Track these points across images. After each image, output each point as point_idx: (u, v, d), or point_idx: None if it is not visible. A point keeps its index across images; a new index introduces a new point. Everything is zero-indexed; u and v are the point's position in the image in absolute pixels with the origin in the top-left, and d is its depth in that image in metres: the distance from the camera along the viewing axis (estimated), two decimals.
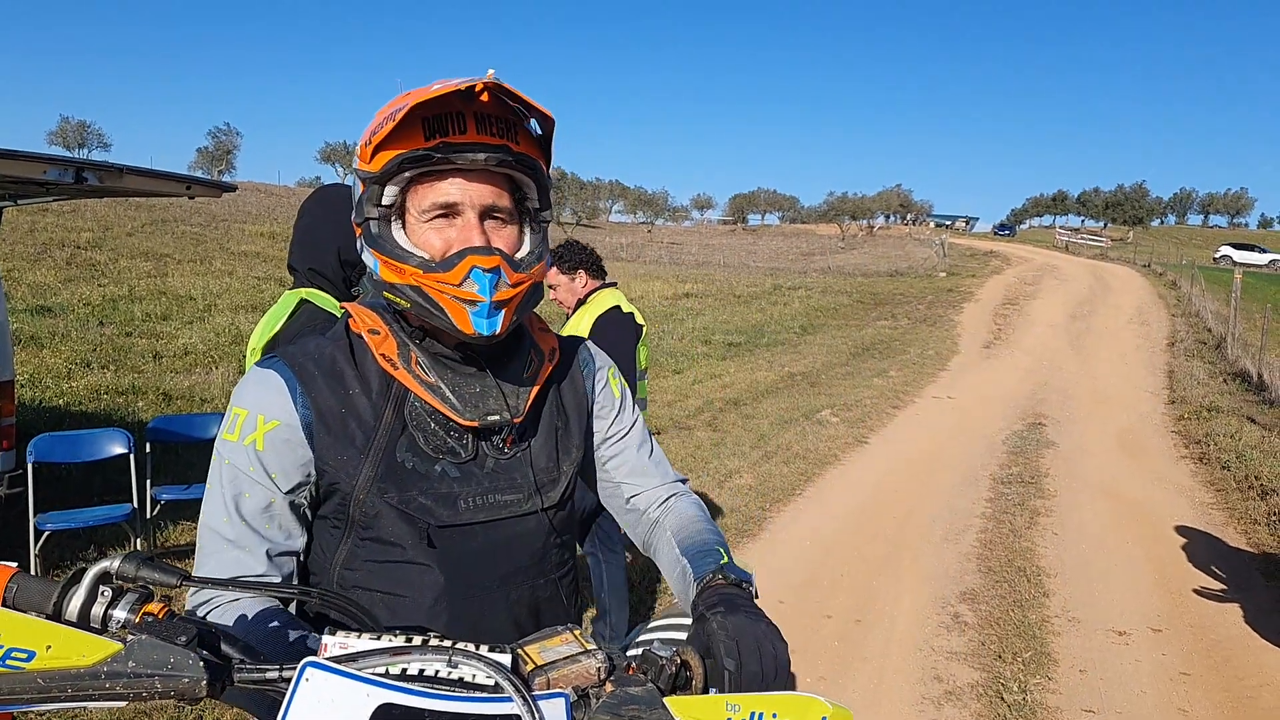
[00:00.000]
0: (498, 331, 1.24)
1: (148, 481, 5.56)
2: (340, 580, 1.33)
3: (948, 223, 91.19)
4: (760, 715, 0.98)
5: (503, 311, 1.24)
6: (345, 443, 1.28)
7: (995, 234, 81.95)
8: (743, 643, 1.10)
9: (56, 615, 0.89)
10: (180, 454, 6.68)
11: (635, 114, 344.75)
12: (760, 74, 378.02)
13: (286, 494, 1.28)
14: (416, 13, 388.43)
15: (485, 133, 1.21)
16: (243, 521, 1.27)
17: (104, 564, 0.92)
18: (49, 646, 0.83)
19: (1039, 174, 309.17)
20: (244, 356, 12.32)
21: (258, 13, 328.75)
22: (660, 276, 30.44)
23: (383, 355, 1.31)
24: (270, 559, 1.28)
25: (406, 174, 1.23)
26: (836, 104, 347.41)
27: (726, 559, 1.34)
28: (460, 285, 1.22)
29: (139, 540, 5.41)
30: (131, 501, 5.34)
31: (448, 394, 1.30)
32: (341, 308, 1.41)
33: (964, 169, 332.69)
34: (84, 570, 0.92)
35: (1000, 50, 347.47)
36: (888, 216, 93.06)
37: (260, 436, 1.26)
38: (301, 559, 1.35)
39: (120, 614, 0.90)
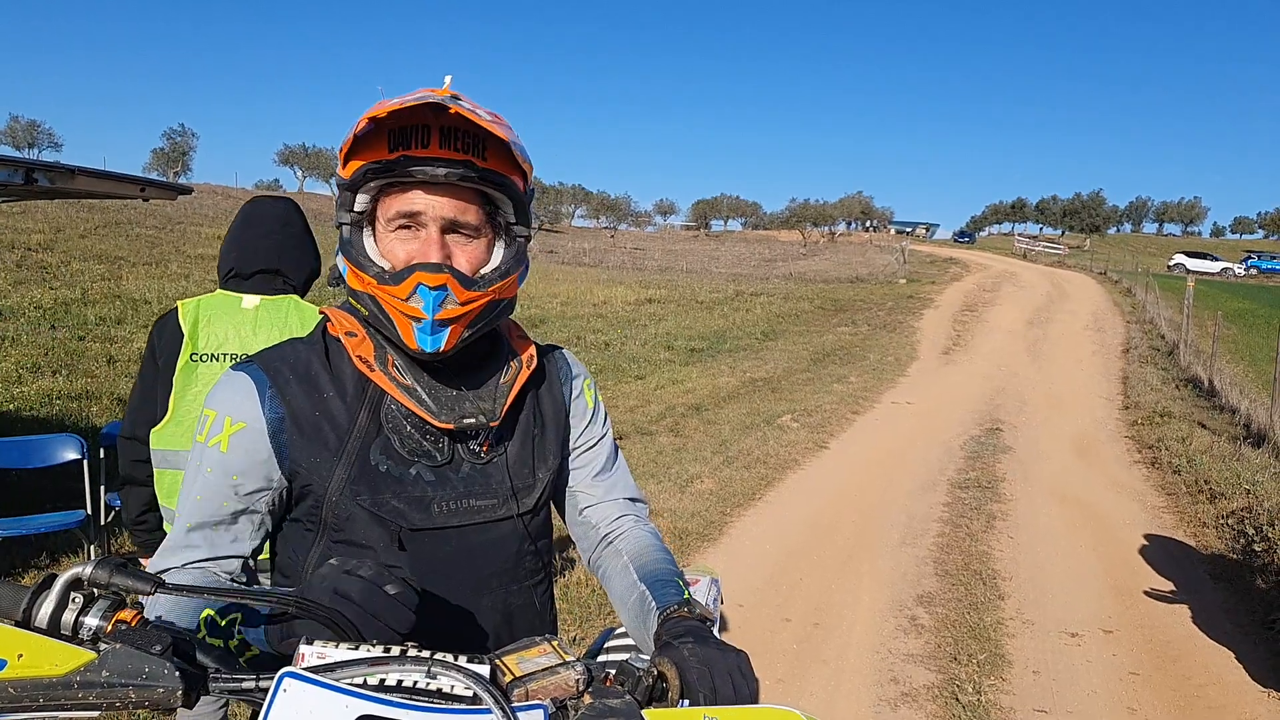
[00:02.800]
0: (441, 349, 1.26)
1: (101, 488, 5.46)
2: None
3: (908, 230, 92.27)
4: None
5: (448, 329, 1.26)
6: (318, 445, 1.29)
7: (955, 241, 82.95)
8: (715, 671, 1.11)
9: (25, 622, 0.88)
10: None
11: (597, 118, 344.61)
12: (723, 80, 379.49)
13: (244, 497, 1.29)
14: (374, 14, 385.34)
15: (448, 147, 1.22)
16: (195, 522, 1.29)
17: (76, 570, 0.91)
18: (20, 655, 0.81)
19: (999, 181, 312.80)
20: None
21: (214, 12, 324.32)
22: (623, 282, 30.39)
23: (359, 357, 1.32)
24: (211, 562, 1.30)
25: (373, 183, 1.25)
26: (799, 110, 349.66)
27: (688, 593, 1.35)
28: (407, 300, 1.24)
29: (93, 547, 5.32)
30: (85, 508, 5.24)
31: (424, 396, 1.31)
32: (321, 312, 1.42)
33: (925, 176, 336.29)
34: (55, 576, 0.90)
35: (961, 59, 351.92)
36: (849, 223, 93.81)
37: (225, 438, 1.28)
38: (252, 563, 1.35)
39: (92, 621, 0.88)
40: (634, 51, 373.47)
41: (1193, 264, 53.82)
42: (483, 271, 1.30)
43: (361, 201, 1.27)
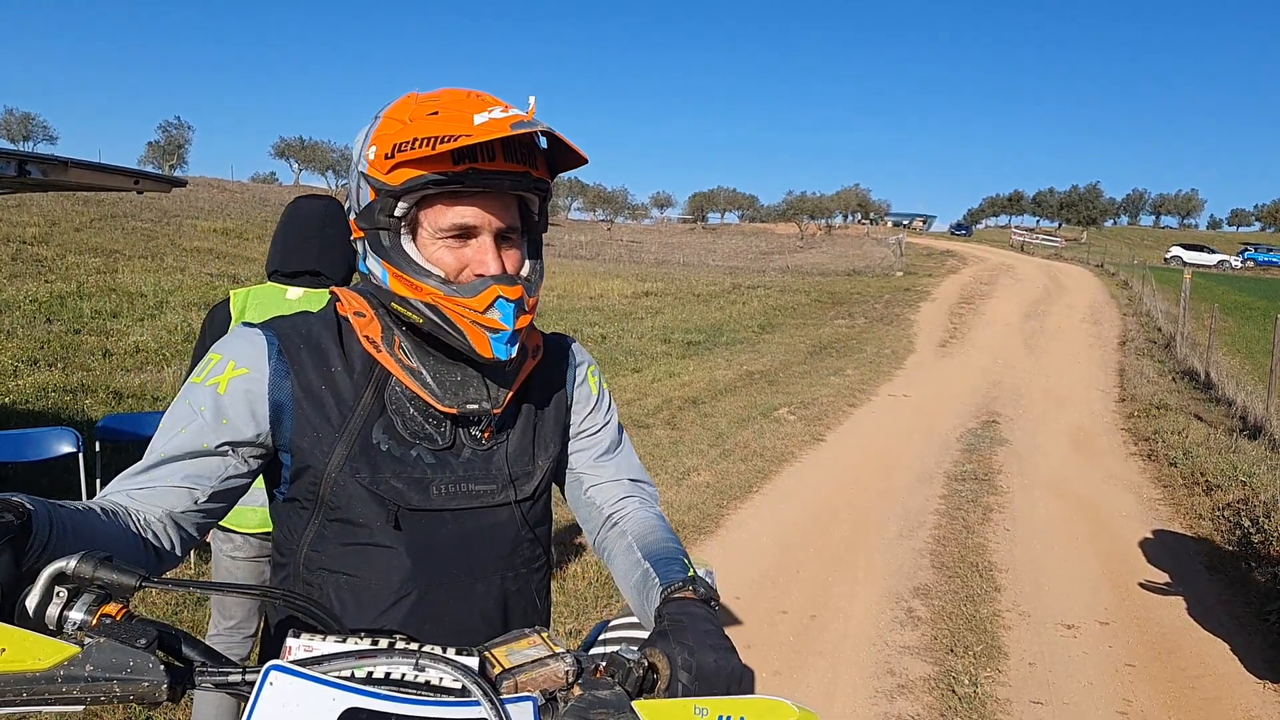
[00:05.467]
0: (514, 355, 1.28)
1: (97, 481, 5.44)
2: (306, 561, 1.33)
3: (905, 222, 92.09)
4: (728, 719, 0.98)
5: (519, 336, 1.29)
6: (321, 420, 1.29)
7: (952, 234, 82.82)
8: (699, 646, 1.10)
9: (9, 616, 0.87)
10: (132, 453, 6.52)
11: (594, 110, 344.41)
12: (720, 72, 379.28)
13: (227, 443, 1.26)
14: (371, 8, 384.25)
15: (512, 160, 1.23)
16: (167, 455, 1.25)
17: (59, 563, 0.90)
18: (3, 649, 0.80)
19: (995, 174, 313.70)
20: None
21: (210, 4, 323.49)
22: (620, 275, 30.40)
23: (366, 337, 1.33)
24: (153, 493, 1.23)
25: (426, 192, 1.24)
26: (796, 103, 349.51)
27: (692, 571, 1.35)
28: (484, 313, 1.25)
29: None
30: (80, 501, 5.22)
31: (428, 379, 1.32)
32: (330, 292, 1.43)
33: (921, 169, 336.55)
34: (39, 569, 0.89)
35: (959, 52, 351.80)
36: (846, 216, 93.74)
37: (225, 380, 1.27)
38: (175, 544, 1.24)
39: (76, 615, 0.87)
40: (631, 44, 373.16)
41: (1189, 256, 53.95)
42: (524, 272, 1.33)
43: (402, 207, 1.26)
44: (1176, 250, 56.72)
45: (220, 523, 1.56)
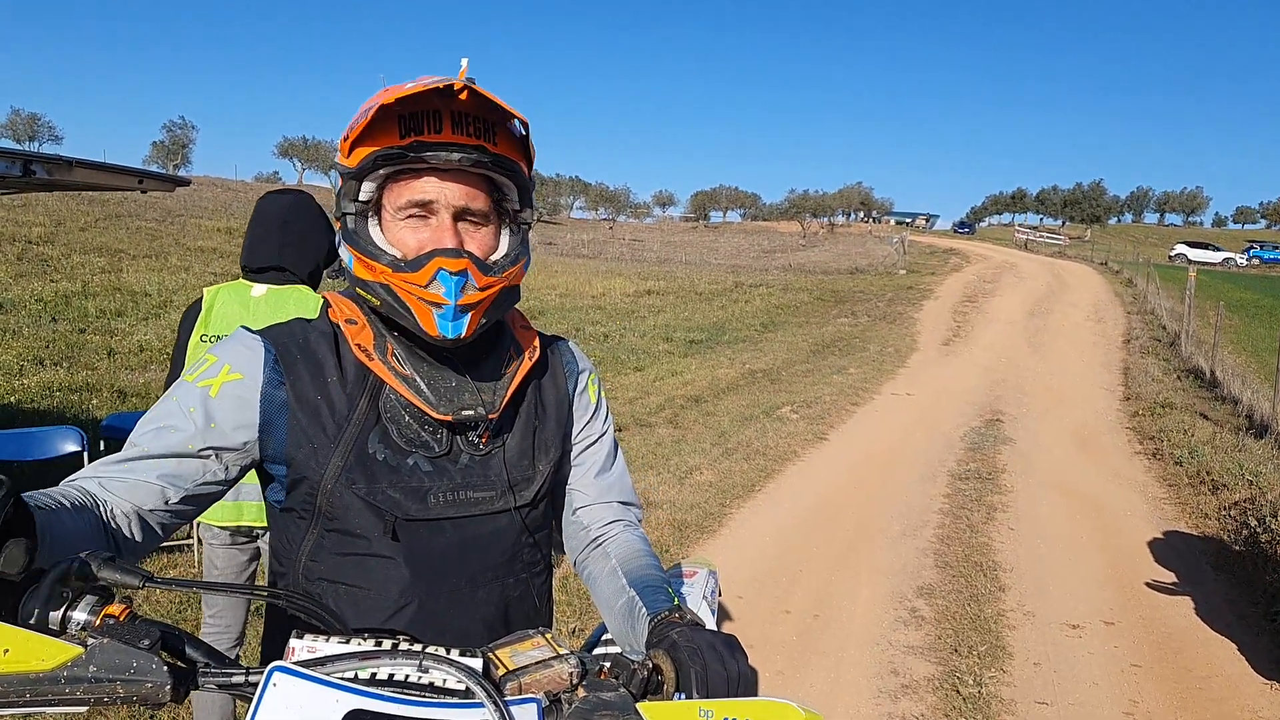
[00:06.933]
0: (463, 335, 1.25)
1: None
2: (305, 572, 1.31)
3: (908, 220, 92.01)
4: None
5: (469, 315, 1.25)
6: (317, 430, 1.27)
7: (955, 232, 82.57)
8: (707, 652, 1.09)
9: (11, 617, 0.87)
10: None
11: (596, 109, 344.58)
12: (723, 71, 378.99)
13: (208, 449, 1.24)
14: (374, 7, 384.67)
15: (461, 132, 1.21)
16: (149, 451, 1.21)
17: (64, 563, 0.89)
18: (6, 650, 0.80)
19: (999, 172, 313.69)
20: None
21: (214, 4, 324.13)
22: (622, 274, 30.36)
23: (358, 345, 1.31)
24: (132, 500, 1.18)
25: (382, 171, 1.23)
26: (798, 101, 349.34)
27: (677, 600, 1.33)
28: (427, 287, 1.22)
29: None
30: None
31: (422, 387, 1.30)
32: (322, 296, 1.42)
33: (924, 167, 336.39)
34: (42, 570, 0.88)
35: (962, 50, 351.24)
36: (848, 214, 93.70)
37: (218, 383, 1.26)
38: (135, 532, 1.17)
39: (80, 616, 0.87)
40: (633, 43, 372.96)
41: (1194, 254, 53.76)
42: (494, 258, 1.30)
43: (367, 190, 1.26)
44: (1181, 248, 56.52)
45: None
